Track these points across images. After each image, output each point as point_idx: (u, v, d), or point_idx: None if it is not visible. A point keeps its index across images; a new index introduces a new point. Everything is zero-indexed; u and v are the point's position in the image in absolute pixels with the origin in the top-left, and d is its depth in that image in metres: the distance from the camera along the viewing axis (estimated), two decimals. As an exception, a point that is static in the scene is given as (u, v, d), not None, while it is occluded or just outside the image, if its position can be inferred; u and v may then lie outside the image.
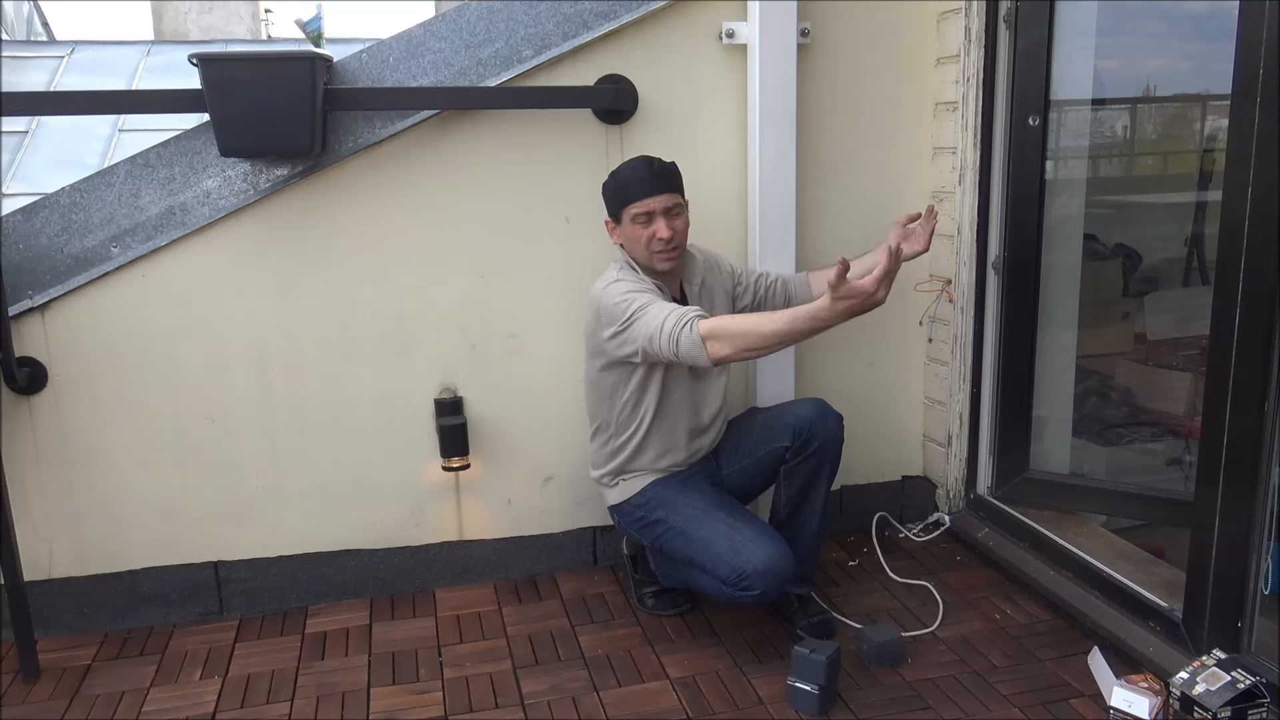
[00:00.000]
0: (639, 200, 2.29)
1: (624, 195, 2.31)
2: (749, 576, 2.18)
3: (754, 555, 2.18)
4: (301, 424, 2.59)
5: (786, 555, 2.21)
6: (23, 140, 7.83)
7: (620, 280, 2.30)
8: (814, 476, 2.41)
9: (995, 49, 2.63)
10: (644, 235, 2.29)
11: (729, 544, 2.23)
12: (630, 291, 2.25)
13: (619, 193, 2.33)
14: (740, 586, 2.20)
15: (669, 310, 2.16)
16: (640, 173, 2.31)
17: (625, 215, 2.31)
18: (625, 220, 2.31)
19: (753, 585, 2.18)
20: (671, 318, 2.13)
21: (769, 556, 2.18)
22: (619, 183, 2.34)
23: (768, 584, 2.18)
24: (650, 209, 2.28)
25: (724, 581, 2.23)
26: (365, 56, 2.51)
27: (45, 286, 2.39)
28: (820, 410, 2.41)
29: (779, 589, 2.23)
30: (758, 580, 2.17)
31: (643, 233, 2.29)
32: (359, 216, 2.53)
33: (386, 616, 2.61)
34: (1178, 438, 2.98)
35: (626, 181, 2.32)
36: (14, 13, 12.00)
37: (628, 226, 2.31)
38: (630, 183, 2.31)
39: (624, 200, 2.31)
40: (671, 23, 2.61)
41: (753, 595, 2.20)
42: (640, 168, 2.32)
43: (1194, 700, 1.93)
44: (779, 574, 2.19)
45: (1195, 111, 3.26)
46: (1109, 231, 3.22)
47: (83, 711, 2.22)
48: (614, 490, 2.48)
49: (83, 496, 2.50)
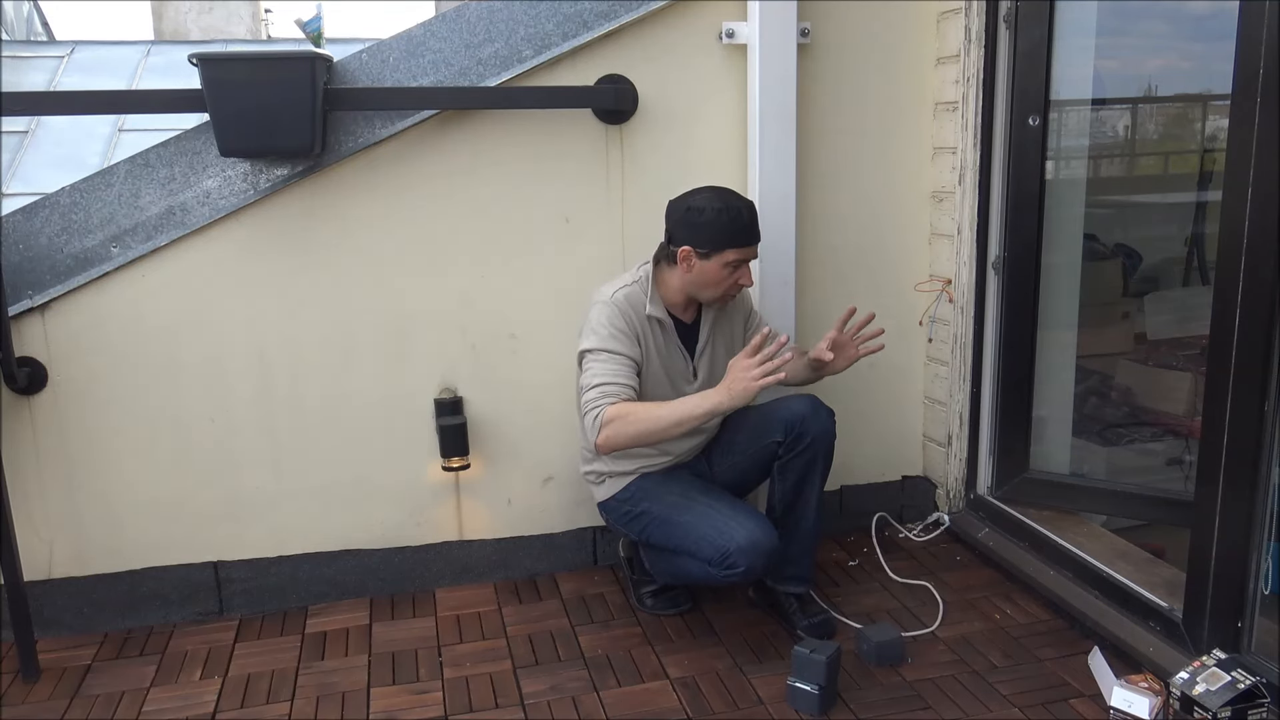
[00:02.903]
0: (745, 248, 2.28)
1: (733, 238, 2.26)
2: (733, 554, 2.19)
3: (736, 533, 2.20)
4: (301, 424, 2.59)
5: (769, 531, 2.23)
6: (23, 140, 7.83)
7: (611, 304, 2.30)
8: (808, 471, 2.41)
9: (995, 49, 2.63)
10: (728, 280, 2.28)
11: (711, 525, 2.25)
12: (603, 325, 2.27)
13: (729, 233, 2.25)
14: (725, 565, 2.21)
15: (601, 380, 2.22)
16: (748, 219, 2.28)
17: (720, 256, 2.26)
18: (717, 260, 2.26)
19: (737, 562, 2.19)
20: (593, 391, 2.22)
21: (750, 533, 2.20)
22: (725, 224, 2.25)
23: (752, 560, 2.19)
24: (749, 258, 2.29)
25: (709, 563, 2.24)
26: (365, 56, 2.51)
27: (45, 286, 2.39)
28: (812, 406, 2.41)
29: (764, 565, 2.24)
30: (742, 557, 2.18)
31: (729, 278, 2.28)
32: (359, 216, 2.53)
33: (386, 616, 2.61)
34: (1178, 438, 2.98)
35: (736, 227, 2.25)
36: (14, 13, 11.99)
37: (714, 266, 2.27)
38: (739, 230, 2.26)
39: (731, 243, 2.25)
40: (671, 23, 2.61)
41: (738, 573, 2.21)
42: (747, 213, 2.28)
43: (1194, 700, 1.93)
44: (763, 549, 2.20)
45: (1195, 112, 3.26)
46: (1109, 231, 3.23)
47: (83, 711, 2.22)
48: (601, 487, 2.50)
49: (83, 496, 2.50)
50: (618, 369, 2.24)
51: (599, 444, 2.19)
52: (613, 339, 2.27)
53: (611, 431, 2.17)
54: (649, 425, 2.17)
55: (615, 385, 2.21)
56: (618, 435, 2.17)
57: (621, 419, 2.16)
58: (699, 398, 2.18)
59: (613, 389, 2.21)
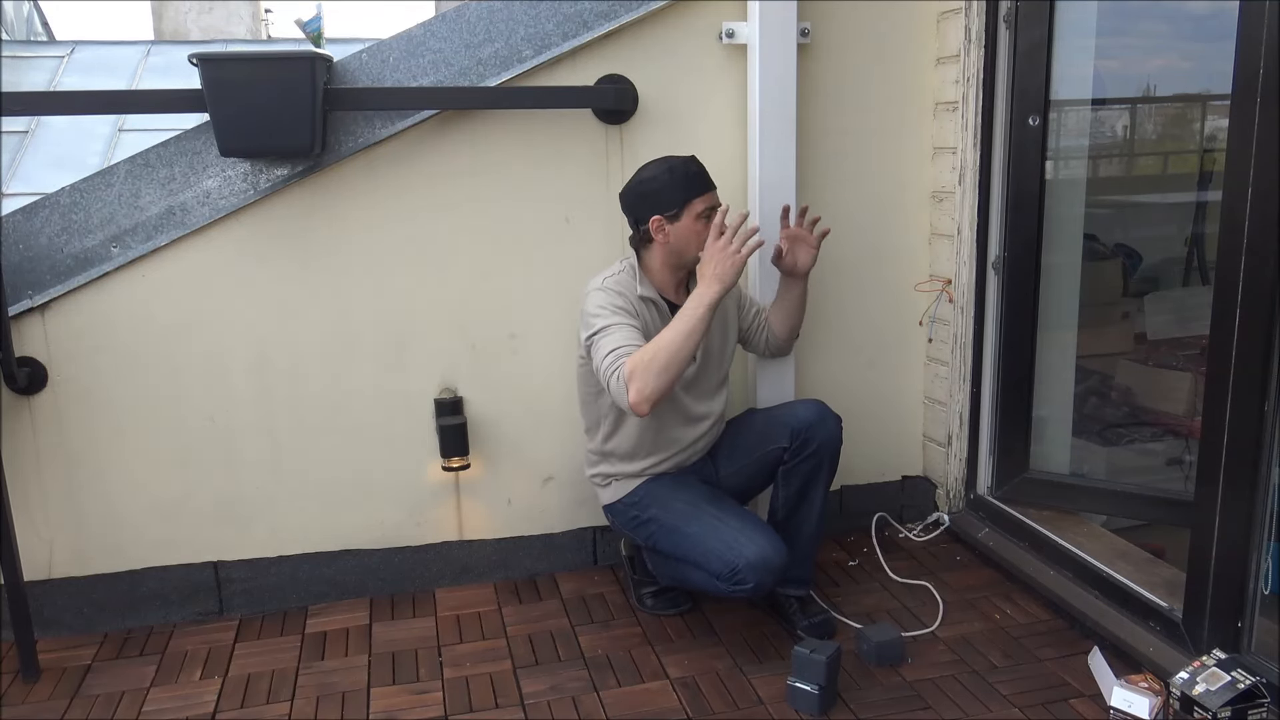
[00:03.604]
0: (706, 193, 2.28)
1: (690, 187, 2.27)
2: (741, 570, 2.17)
3: (746, 548, 2.18)
4: (301, 424, 2.59)
5: (779, 547, 2.21)
6: (23, 140, 7.83)
7: (604, 290, 2.29)
8: (812, 478, 2.41)
9: (995, 49, 2.63)
10: (705, 231, 2.24)
11: (720, 539, 2.23)
12: (603, 307, 2.25)
13: (685, 185, 2.27)
14: (734, 581, 2.19)
15: (615, 345, 2.16)
16: (696, 167, 2.28)
17: (689, 210, 2.26)
18: (687, 216, 2.27)
19: (746, 579, 2.18)
20: (609, 356, 2.16)
21: (760, 549, 2.18)
22: (678, 178, 2.27)
23: (761, 577, 2.17)
24: (714, 204, 2.28)
25: (717, 577, 2.22)
26: (365, 56, 2.51)
27: (45, 286, 2.39)
28: (819, 412, 2.41)
29: (773, 582, 2.22)
30: (751, 573, 2.17)
31: (704, 229, 2.25)
32: (359, 216, 2.53)
33: (386, 616, 2.61)
34: (1178, 438, 2.98)
35: (689, 177, 2.27)
36: (14, 13, 11.99)
37: (688, 222, 2.27)
38: (692, 178, 2.27)
39: (691, 192, 2.27)
40: (671, 23, 2.61)
41: (747, 589, 2.19)
42: (693, 164, 2.29)
43: (1194, 700, 1.93)
44: (772, 566, 2.18)
45: (1195, 111, 3.26)
46: (1109, 231, 3.23)
47: (83, 711, 2.22)
48: (607, 490, 2.49)
49: (83, 496, 2.50)
50: (628, 334, 2.20)
51: (633, 403, 2.09)
52: (615, 314, 2.24)
53: (639, 382, 2.09)
54: (666, 353, 2.10)
55: (627, 346, 2.16)
56: (645, 382, 2.08)
57: (641, 365, 2.10)
58: (693, 299, 2.15)
59: (624, 350, 2.16)
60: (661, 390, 2.10)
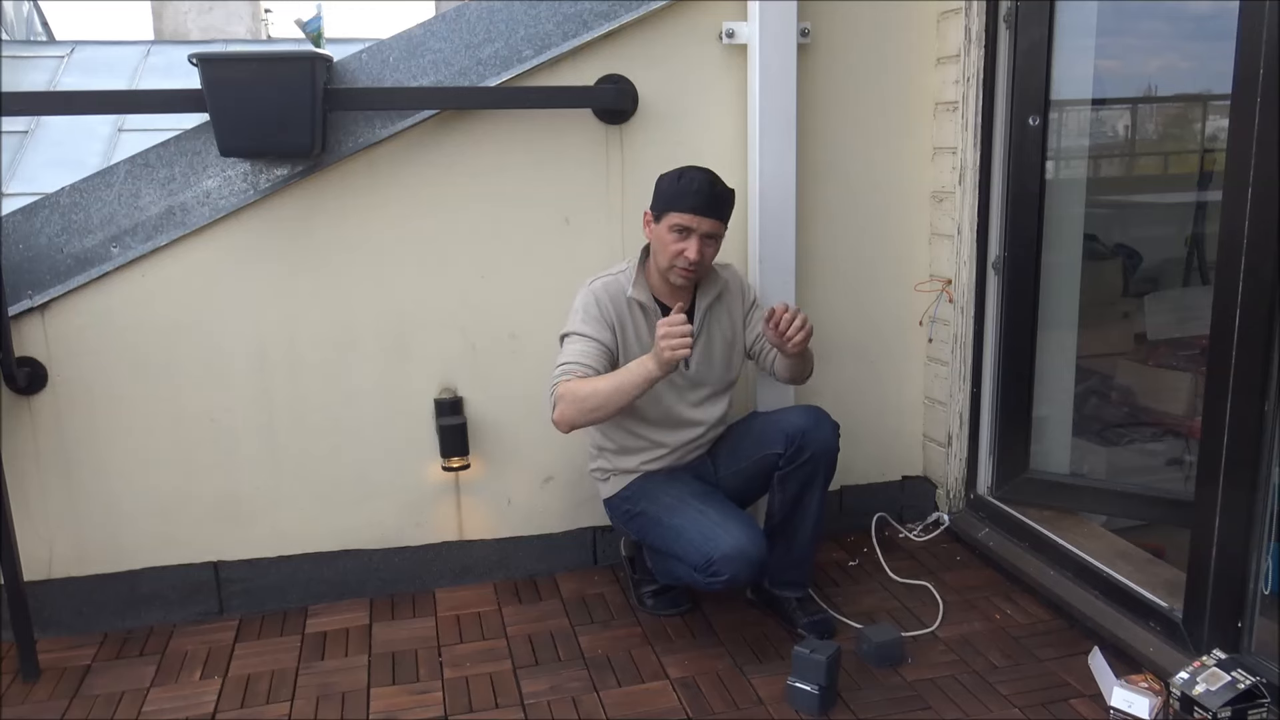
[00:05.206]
0: (685, 213, 2.26)
1: (674, 200, 2.27)
2: (716, 562, 2.18)
3: (723, 541, 2.18)
4: (301, 424, 2.59)
5: (756, 540, 2.21)
6: (23, 140, 7.83)
7: (590, 292, 2.34)
8: (807, 484, 2.40)
9: (995, 49, 2.63)
10: (674, 247, 2.28)
11: (699, 530, 2.24)
12: (577, 311, 2.33)
13: (672, 196, 2.28)
14: (709, 573, 2.20)
15: (566, 359, 2.26)
16: (700, 187, 2.26)
17: (666, 219, 2.28)
18: (664, 222, 2.29)
19: (721, 570, 2.18)
20: (558, 368, 2.26)
21: (736, 540, 2.18)
22: (676, 187, 2.28)
23: (736, 569, 2.18)
24: (690, 226, 2.26)
25: (695, 569, 2.23)
26: (365, 56, 2.51)
27: (45, 286, 2.39)
28: (815, 418, 2.40)
29: (751, 574, 2.23)
30: (726, 565, 2.17)
31: (674, 245, 2.27)
32: (359, 217, 2.53)
33: (386, 616, 2.61)
34: (1178, 438, 2.98)
35: (683, 190, 2.27)
36: (14, 13, 11.99)
37: (663, 230, 2.29)
38: (686, 193, 2.26)
39: (672, 205, 2.27)
40: (671, 23, 2.61)
41: (721, 580, 2.19)
42: (703, 183, 2.27)
43: (1194, 700, 1.93)
44: (749, 559, 2.18)
45: (1195, 111, 3.26)
46: (1109, 231, 3.23)
47: (83, 711, 2.22)
48: (605, 485, 2.51)
49: (83, 496, 2.50)
50: (583, 349, 2.27)
51: (555, 420, 2.23)
52: (583, 323, 2.30)
53: (564, 408, 2.20)
54: (596, 399, 2.18)
55: (575, 364, 2.24)
56: (567, 411, 2.20)
57: (571, 395, 2.19)
58: (637, 364, 2.19)
59: (571, 367, 2.24)
60: (581, 424, 2.24)
